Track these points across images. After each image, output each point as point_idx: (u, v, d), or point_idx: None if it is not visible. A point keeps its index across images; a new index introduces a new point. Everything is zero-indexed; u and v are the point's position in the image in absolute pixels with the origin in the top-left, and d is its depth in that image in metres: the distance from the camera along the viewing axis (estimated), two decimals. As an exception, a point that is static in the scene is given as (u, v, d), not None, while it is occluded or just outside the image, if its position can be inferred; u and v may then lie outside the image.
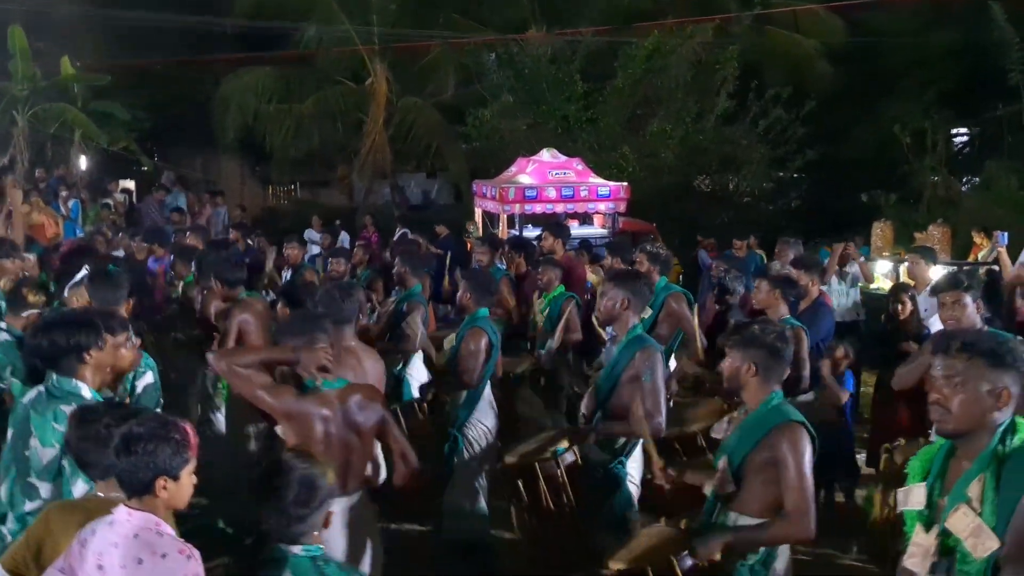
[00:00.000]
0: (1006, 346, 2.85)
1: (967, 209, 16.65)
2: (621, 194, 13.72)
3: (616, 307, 5.02)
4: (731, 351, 3.88)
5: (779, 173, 20.01)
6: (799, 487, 3.60)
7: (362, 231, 15.51)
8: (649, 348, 4.91)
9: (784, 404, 3.82)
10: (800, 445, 3.64)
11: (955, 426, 2.84)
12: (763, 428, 3.72)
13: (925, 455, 3.05)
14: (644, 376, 4.79)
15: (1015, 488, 2.66)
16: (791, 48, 21.63)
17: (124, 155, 21.66)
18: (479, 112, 20.19)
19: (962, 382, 2.80)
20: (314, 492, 3.03)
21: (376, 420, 4.23)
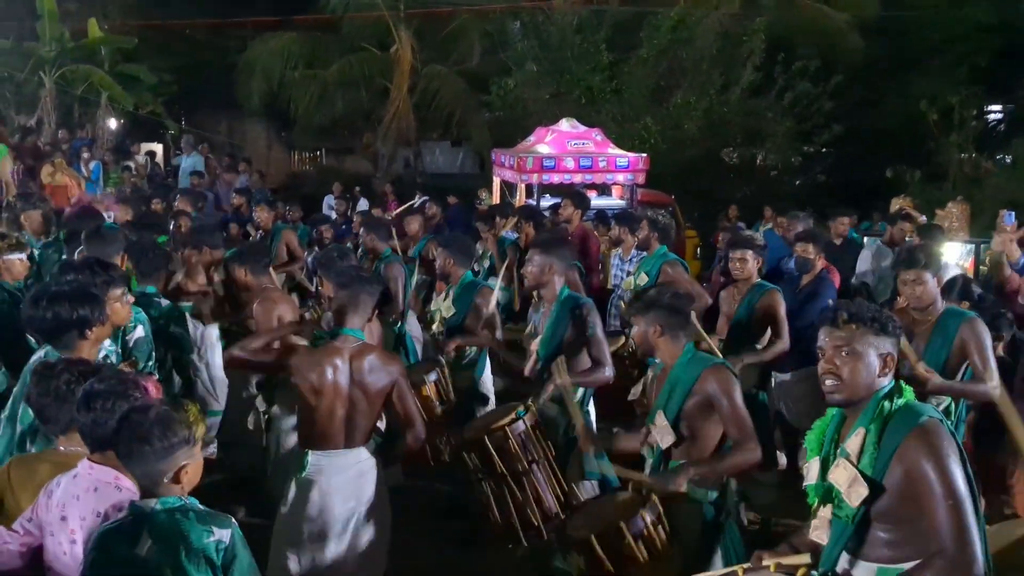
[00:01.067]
0: (884, 314, 3.00)
1: (992, 187, 16.42)
2: (640, 165, 13.60)
3: (543, 273, 5.20)
4: (635, 319, 4.17)
5: (805, 147, 19.81)
6: (737, 418, 3.92)
7: (383, 199, 15.54)
8: (585, 304, 5.11)
9: (700, 352, 4.15)
10: (728, 382, 3.97)
11: (849, 395, 2.95)
12: (690, 377, 3.98)
13: (819, 429, 3.14)
14: (588, 330, 5.01)
15: (892, 444, 2.81)
16: (821, 21, 21.27)
17: (150, 118, 21.79)
18: (503, 81, 20.11)
19: (852, 351, 2.92)
20: (167, 431, 2.78)
21: (387, 382, 4.24)
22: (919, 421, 2.80)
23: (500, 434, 4.49)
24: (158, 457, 2.78)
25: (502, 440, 4.48)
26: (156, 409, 2.83)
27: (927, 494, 2.73)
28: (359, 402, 4.19)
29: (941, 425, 2.82)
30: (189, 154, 16.91)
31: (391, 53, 21.71)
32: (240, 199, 12.67)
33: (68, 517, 2.98)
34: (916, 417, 2.82)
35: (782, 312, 5.99)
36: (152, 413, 2.80)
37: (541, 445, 4.59)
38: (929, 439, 2.77)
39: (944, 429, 2.81)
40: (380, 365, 4.25)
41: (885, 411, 2.88)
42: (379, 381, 4.22)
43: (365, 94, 22.30)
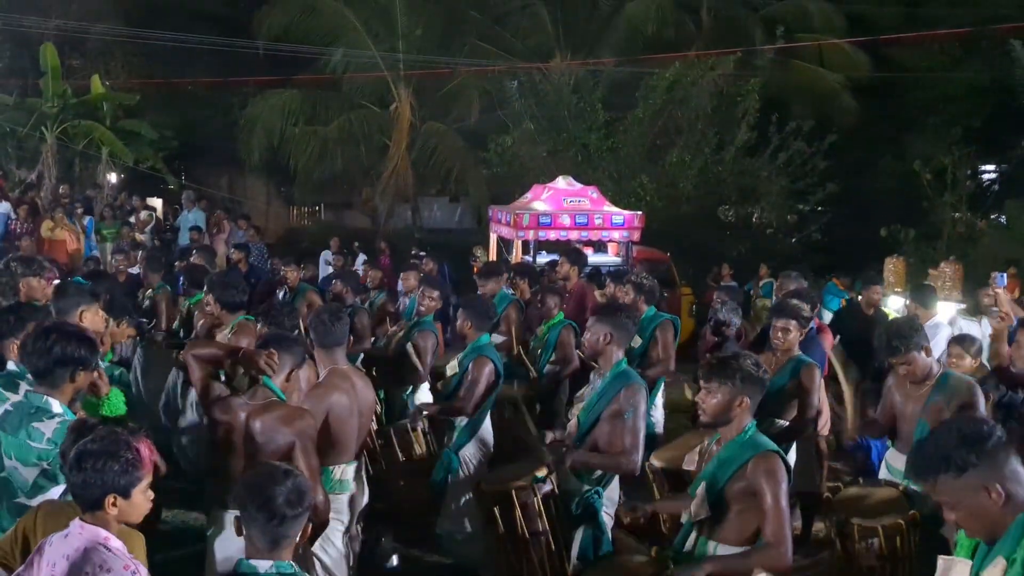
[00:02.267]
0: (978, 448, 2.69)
1: (986, 246, 16.52)
2: (635, 223, 13.69)
3: (600, 341, 5.01)
4: (719, 385, 3.85)
5: (800, 206, 19.98)
6: (776, 516, 3.66)
7: (379, 255, 15.62)
8: (634, 385, 4.89)
9: (759, 434, 3.88)
10: (777, 475, 3.70)
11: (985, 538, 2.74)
12: (741, 458, 3.77)
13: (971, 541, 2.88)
14: (626, 413, 4.78)
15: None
16: (815, 81, 21.65)
17: (150, 173, 21.97)
18: (501, 138, 20.33)
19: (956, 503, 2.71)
20: (303, 496, 2.96)
21: (284, 442, 4.20)
22: None
23: (528, 490, 4.43)
24: (291, 525, 2.93)
25: (528, 496, 4.43)
26: (294, 479, 2.97)
27: None
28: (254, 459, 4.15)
29: None
30: (190, 209, 17.02)
31: (390, 110, 21.99)
32: (238, 254, 12.75)
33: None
34: None
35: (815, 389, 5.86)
36: (290, 483, 2.94)
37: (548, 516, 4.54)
38: None
39: None
40: (280, 423, 4.21)
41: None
42: (275, 440, 4.18)
43: (364, 150, 22.51)
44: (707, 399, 3.87)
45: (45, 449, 3.72)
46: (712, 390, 3.85)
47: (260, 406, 4.27)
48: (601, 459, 4.82)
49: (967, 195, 18.03)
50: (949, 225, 17.72)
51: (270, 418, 4.22)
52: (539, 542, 4.47)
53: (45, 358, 3.86)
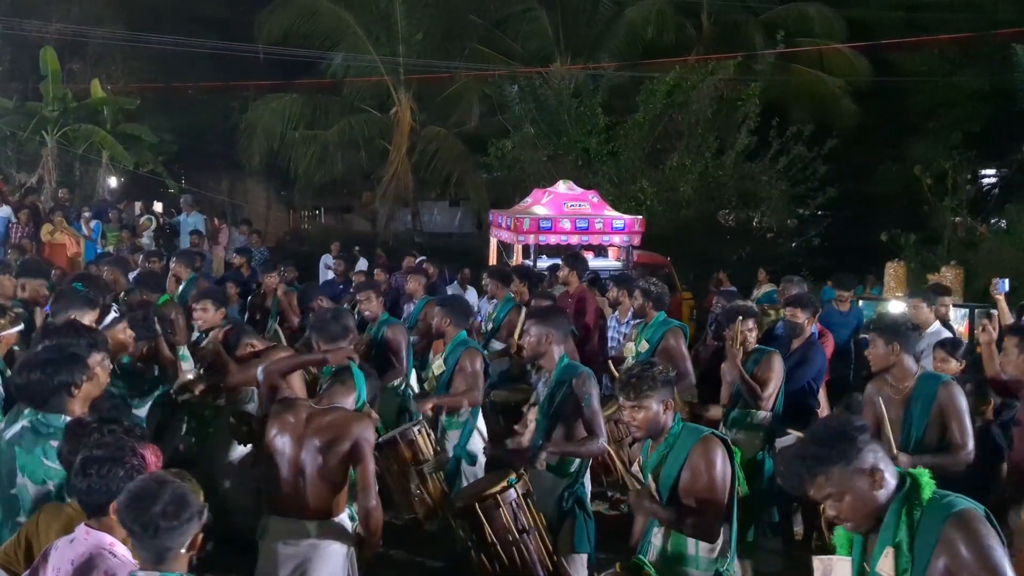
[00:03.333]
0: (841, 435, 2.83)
1: (986, 251, 16.49)
2: (636, 227, 13.70)
3: (540, 343, 5.13)
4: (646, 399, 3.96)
5: (800, 210, 19.97)
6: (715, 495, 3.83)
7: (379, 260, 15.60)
8: (583, 374, 5.01)
9: (688, 424, 4.09)
10: (710, 454, 3.87)
11: (856, 526, 2.83)
12: (684, 447, 3.93)
13: None
14: (583, 401, 4.91)
15: (927, 547, 2.66)
16: (815, 86, 21.67)
17: (150, 177, 21.98)
18: (501, 143, 20.34)
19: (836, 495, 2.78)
20: (182, 506, 2.79)
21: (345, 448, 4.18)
22: (951, 511, 2.66)
23: (491, 502, 4.45)
24: (172, 535, 2.77)
25: (493, 508, 4.44)
26: (171, 487, 2.81)
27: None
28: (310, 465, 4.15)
29: (976, 511, 2.67)
30: (189, 213, 17.02)
31: (391, 115, 22.02)
32: (240, 259, 12.73)
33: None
34: (948, 508, 2.67)
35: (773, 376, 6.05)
36: (167, 492, 2.78)
37: (533, 514, 4.55)
38: (967, 529, 2.62)
39: (980, 514, 2.67)
40: (343, 427, 4.18)
41: (910, 518, 2.73)
42: (337, 444, 4.14)
43: (364, 154, 22.56)
44: (636, 415, 3.98)
45: (55, 469, 3.66)
46: (638, 406, 3.96)
47: (324, 409, 4.27)
48: (572, 445, 4.95)
49: (967, 200, 18.01)
50: (949, 230, 17.69)
51: (333, 421, 4.21)
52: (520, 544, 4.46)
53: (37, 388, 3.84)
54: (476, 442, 5.99)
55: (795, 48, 21.53)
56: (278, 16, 21.61)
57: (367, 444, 4.21)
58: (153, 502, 2.75)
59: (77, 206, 17.04)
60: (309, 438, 4.16)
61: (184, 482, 2.87)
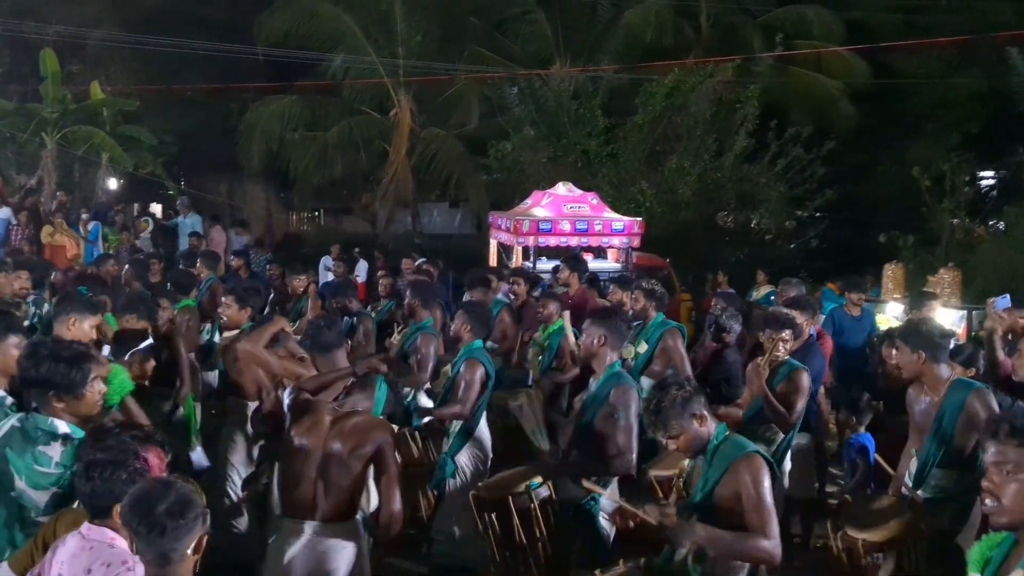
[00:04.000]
0: None
1: (984, 253, 16.53)
2: (635, 229, 13.75)
3: (594, 344, 5.06)
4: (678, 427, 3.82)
5: (798, 212, 20.01)
6: (762, 511, 3.65)
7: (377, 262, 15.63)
8: (624, 385, 4.92)
9: (734, 436, 3.87)
10: (759, 474, 3.68)
11: (1009, 519, 2.65)
12: (725, 461, 3.76)
13: (988, 543, 2.80)
14: (617, 414, 4.82)
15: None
16: (813, 88, 21.68)
17: (150, 179, 22.00)
18: (501, 144, 20.38)
19: (1014, 470, 2.61)
20: (188, 506, 2.79)
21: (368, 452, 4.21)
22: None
23: (525, 496, 4.44)
24: (177, 538, 2.77)
25: (525, 502, 4.43)
26: (176, 488, 2.82)
27: None
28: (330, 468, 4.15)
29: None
30: (186, 215, 17.03)
31: (390, 116, 22.03)
32: (238, 261, 12.76)
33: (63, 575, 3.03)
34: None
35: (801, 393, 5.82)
36: (172, 493, 2.79)
37: (546, 522, 4.56)
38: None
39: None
40: (365, 431, 4.19)
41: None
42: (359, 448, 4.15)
43: (364, 156, 22.57)
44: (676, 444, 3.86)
45: (56, 474, 3.63)
46: (675, 436, 3.83)
47: (347, 413, 4.29)
48: (598, 465, 4.81)
49: (966, 201, 18.04)
50: (947, 231, 17.73)
51: (356, 425, 4.22)
52: (536, 548, 4.46)
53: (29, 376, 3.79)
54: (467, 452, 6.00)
55: (793, 51, 21.55)
56: (277, 18, 21.59)
57: (390, 449, 4.23)
58: (158, 502, 2.76)
59: (77, 208, 17.05)
60: (331, 442, 4.17)
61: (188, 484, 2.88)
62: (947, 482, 4.89)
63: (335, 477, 4.15)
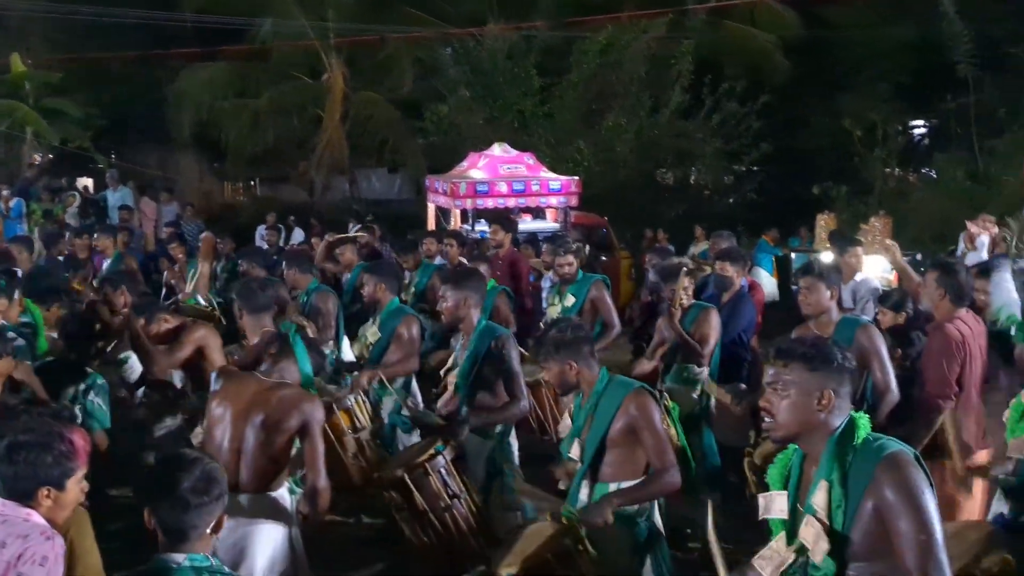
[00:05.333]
0: (819, 349, 2.87)
1: (916, 201, 16.83)
2: (573, 188, 13.72)
3: (458, 307, 5.17)
4: (546, 363, 4.17)
5: (735, 166, 20.15)
6: (658, 444, 3.97)
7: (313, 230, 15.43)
8: (501, 336, 5.09)
9: (616, 376, 4.15)
10: (649, 406, 4.00)
11: (783, 433, 2.88)
12: (614, 401, 4.00)
13: (782, 462, 3.03)
14: (504, 363, 4.98)
15: (859, 487, 2.69)
16: (747, 42, 21.73)
17: (78, 153, 21.42)
18: (436, 107, 20.17)
19: (782, 388, 2.83)
20: (212, 483, 2.79)
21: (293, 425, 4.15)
22: (883, 455, 2.68)
23: (420, 471, 4.45)
24: (200, 513, 2.75)
25: (423, 477, 4.44)
26: (201, 463, 2.81)
27: (898, 531, 2.62)
28: (251, 439, 4.08)
29: (908, 455, 2.69)
30: (115, 188, 16.62)
31: (322, 81, 21.66)
32: (171, 231, 12.49)
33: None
34: (879, 452, 2.70)
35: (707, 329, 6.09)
36: (198, 469, 2.78)
37: (461, 479, 4.56)
38: (897, 472, 2.65)
39: (911, 458, 2.69)
40: (292, 403, 4.12)
41: (844, 455, 2.76)
42: (284, 420, 4.08)
43: (297, 122, 22.25)
44: (547, 376, 4.28)
45: None
46: (547, 367, 4.18)
47: (273, 385, 4.20)
48: (496, 414, 5.00)
49: (897, 151, 18.32)
50: (880, 181, 18.01)
51: (283, 398, 4.14)
52: (444, 516, 4.46)
53: None
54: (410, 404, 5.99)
55: (726, 3, 21.57)
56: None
57: (316, 424, 4.16)
58: (183, 478, 2.73)
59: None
60: (255, 413, 4.10)
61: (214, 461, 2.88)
62: None
63: (256, 449, 4.08)
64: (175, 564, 2.72)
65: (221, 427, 4.13)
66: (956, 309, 5.25)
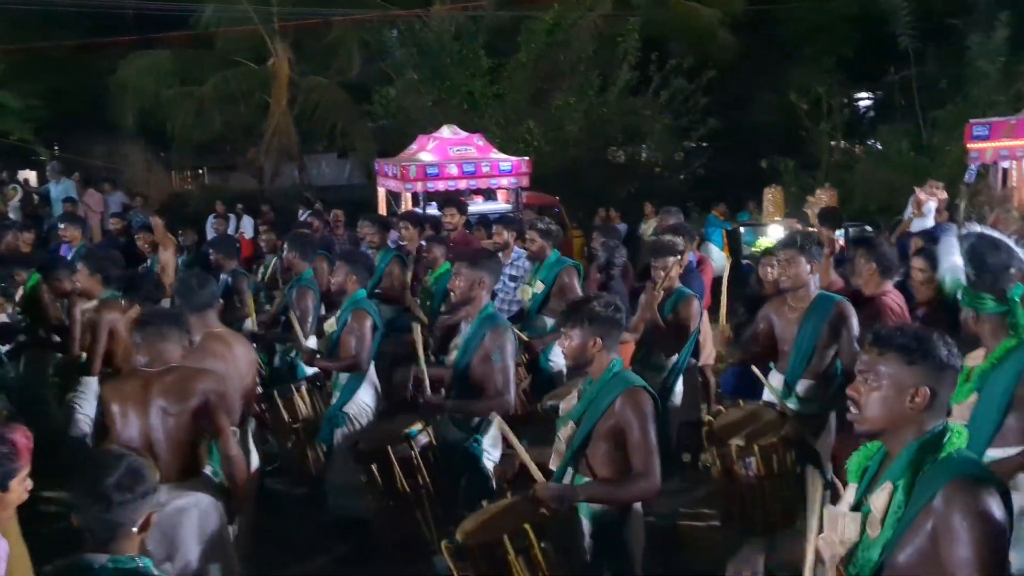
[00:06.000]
0: (922, 341, 2.61)
1: (861, 172, 17.06)
2: (523, 168, 13.73)
3: (472, 288, 5.04)
4: (572, 330, 3.92)
5: (684, 143, 20.28)
6: (643, 447, 3.75)
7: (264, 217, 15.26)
8: (499, 328, 4.94)
9: (626, 371, 3.95)
10: (643, 408, 3.78)
11: (868, 427, 2.68)
12: (609, 395, 3.83)
13: (865, 453, 2.80)
14: (494, 355, 4.84)
15: (920, 501, 2.51)
16: (692, 18, 21.80)
17: (20, 145, 20.98)
18: (384, 90, 20.04)
19: (874, 379, 2.63)
20: (137, 480, 2.71)
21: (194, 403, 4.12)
22: (955, 476, 2.47)
23: (404, 445, 4.42)
24: (123, 511, 2.68)
25: (406, 451, 4.42)
26: (127, 459, 2.75)
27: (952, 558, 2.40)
28: (160, 428, 4.06)
29: (981, 485, 2.47)
30: (58, 181, 16.30)
31: (268, 66, 21.40)
32: (119, 222, 12.30)
33: None
34: (953, 471, 2.49)
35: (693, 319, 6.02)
36: (123, 465, 2.71)
37: (431, 464, 4.56)
38: (962, 499, 2.42)
39: (993, 488, 2.47)
40: (186, 384, 4.10)
41: (921, 463, 2.56)
42: (183, 403, 4.07)
43: (244, 109, 21.97)
44: (565, 344, 3.98)
45: None
46: (568, 335, 3.94)
47: (163, 370, 4.14)
48: (476, 405, 4.87)
49: (842, 123, 18.54)
50: (826, 153, 18.23)
51: (175, 379, 4.10)
52: (421, 495, 4.47)
53: None
54: (357, 403, 5.95)
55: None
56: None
57: (218, 399, 4.16)
58: (107, 474, 2.67)
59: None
60: (153, 403, 4.06)
61: (141, 457, 2.82)
62: (811, 392, 5.12)
63: (168, 438, 4.06)
64: (96, 564, 2.64)
65: (127, 427, 4.06)
66: (885, 282, 5.37)
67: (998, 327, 3.83)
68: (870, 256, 5.33)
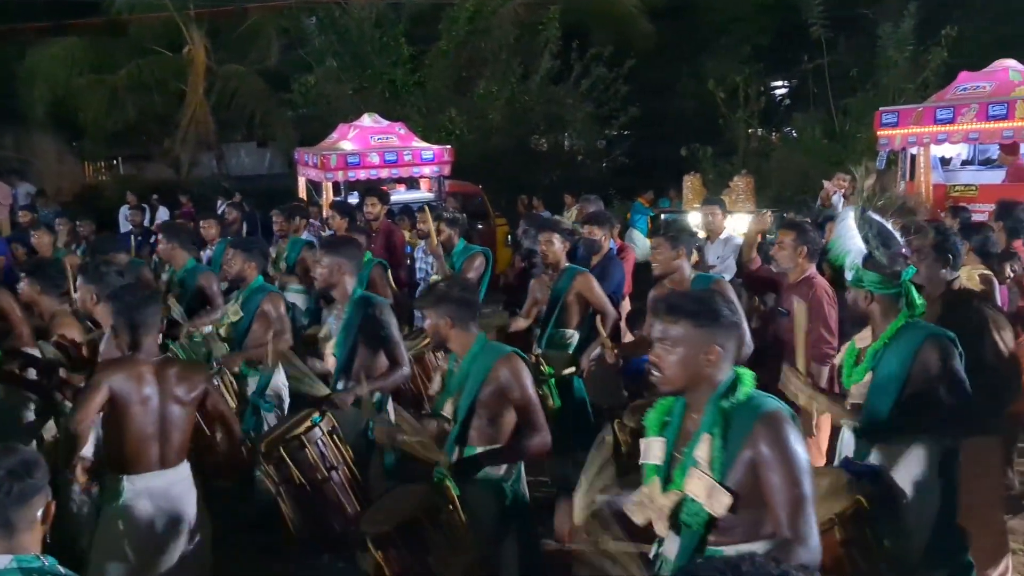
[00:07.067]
0: (707, 305, 2.92)
1: (777, 159, 17.41)
2: (445, 157, 13.73)
3: (332, 274, 5.14)
4: (426, 313, 4.19)
5: (606, 131, 20.45)
6: (530, 405, 4.02)
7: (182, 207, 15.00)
8: (378, 304, 5.09)
9: (490, 343, 4.19)
10: (521, 372, 4.03)
11: (670, 387, 2.95)
12: (483, 367, 4.02)
13: (662, 408, 3.12)
14: (382, 332, 4.99)
15: (738, 441, 2.80)
16: (612, 7, 21.89)
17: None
18: (304, 78, 19.79)
19: (672, 344, 2.89)
20: (31, 470, 2.59)
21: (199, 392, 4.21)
22: (762, 411, 2.79)
23: (296, 443, 4.43)
24: (22, 501, 2.57)
25: (298, 449, 4.43)
26: (18, 452, 2.64)
27: (771, 484, 2.72)
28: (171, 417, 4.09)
29: (784, 413, 2.80)
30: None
31: (183, 54, 20.95)
32: (27, 215, 11.95)
33: None
34: (757, 409, 2.80)
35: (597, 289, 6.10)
36: (14, 457, 2.60)
37: (339, 450, 4.56)
38: (774, 428, 2.75)
39: (788, 416, 2.80)
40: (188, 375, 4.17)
41: (726, 410, 2.85)
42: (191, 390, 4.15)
43: (159, 98, 21.47)
44: (426, 327, 4.24)
45: None
46: (426, 317, 4.20)
47: (163, 360, 4.18)
48: (382, 381, 5.00)
49: (759, 111, 18.88)
50: (743, 141, 18.55)
51: (181, 370, 4.18)
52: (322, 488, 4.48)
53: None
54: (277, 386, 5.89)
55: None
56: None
57: (215, 388, 4.37)
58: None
59: None
60: (171, 389, 4.11)
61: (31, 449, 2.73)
62: None
63: (176, 423, 4.11)
64: (1, 567, 2.54)
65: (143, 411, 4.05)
66: (811, 266, 5.52)
67: (889, 308, 4.04)
68: (802, 239, 5.46)
